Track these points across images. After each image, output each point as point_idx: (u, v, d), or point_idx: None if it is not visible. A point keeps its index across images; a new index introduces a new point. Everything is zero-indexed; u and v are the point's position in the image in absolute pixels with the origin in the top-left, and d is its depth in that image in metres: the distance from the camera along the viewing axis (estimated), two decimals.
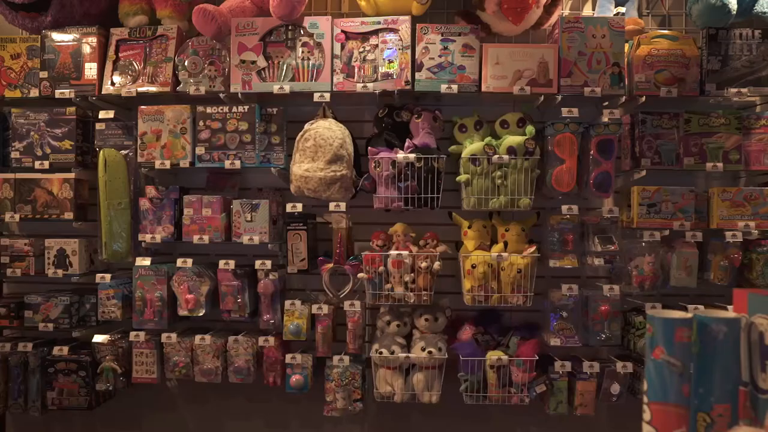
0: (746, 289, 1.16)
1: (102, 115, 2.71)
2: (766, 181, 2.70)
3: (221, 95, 2.67)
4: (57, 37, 2.73)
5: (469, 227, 2.65)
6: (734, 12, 2.51)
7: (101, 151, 2.68)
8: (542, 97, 2.59)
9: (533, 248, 2.56)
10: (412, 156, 2.55)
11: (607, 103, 2.71)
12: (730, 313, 1.13)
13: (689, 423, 1.10)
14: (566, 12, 2.91)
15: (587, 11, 2.90)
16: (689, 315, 1.10)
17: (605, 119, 2.55)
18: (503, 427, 2.94)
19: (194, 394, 3.01)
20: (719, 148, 2.59)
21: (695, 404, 1.10)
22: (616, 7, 2.78)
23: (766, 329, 1.08)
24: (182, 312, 2.70)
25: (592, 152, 2.58)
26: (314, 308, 2.63)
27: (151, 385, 2.82)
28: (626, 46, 2.68)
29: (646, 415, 1.11)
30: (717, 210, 2.59)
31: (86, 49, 2.72)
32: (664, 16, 2.89)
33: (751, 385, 1.10)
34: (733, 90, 2.56)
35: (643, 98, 2.56)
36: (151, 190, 2.73)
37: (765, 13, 2.59)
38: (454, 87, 2.56)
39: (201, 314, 2.70)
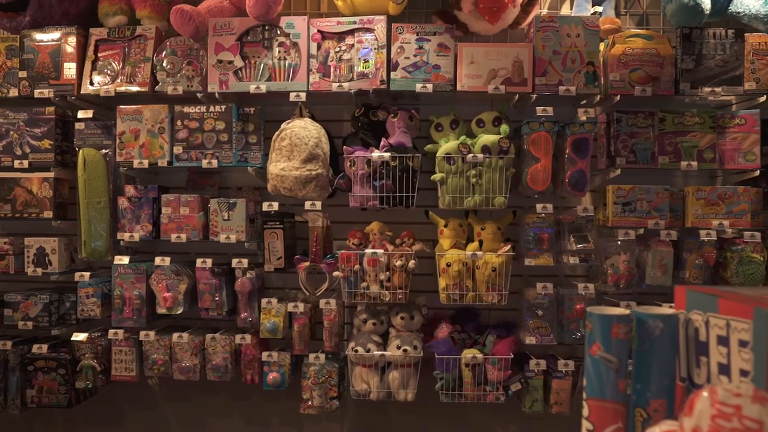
0: (686, 285, 1.17)
1: (81, 114, 2.73)
2: (741, 179, 2.70)
3: (199, 95, 2.68)
4: (36, 36, 2.75)
5: (446, 226, 2.66)
6: (707, 12, 2.51)
7: (80, 151, 2.70)
8: (517, 96, 2.60)
9: (508, 247, 2.57)
10: (386, 155, 2.56)
11: (585, 101, 2.72)
12: (667, 309, 1.14)
13: (626, 419, 1.11)
14: (544, 11, 2.92)
15: (565, 10, 2.91)
16: (627, 311, 1.11)
17: (583, 118, 2.56)
18: (480, 425, 2.96)
19: (175, 392, 3.03)
20: (694, 147, 2.60)
21: (633, 400, 1.12)
22: (593, 6, 2.79)
23: (701, 325, 1.09)
24: (161, 310, 2.71)
25: (567, 151, 2.58)
26: (290, 306, 2.65)
27: (131, 383, 2.84)
28: (602, 46, 2.69)
29: (585, 411, 1.12)
30: (692, 209, 2.60)
31: (65, 49, 2.74)
32: (642, 15, 2.90)
33: (688, 380, 1.11)
34: (707, 89, 2.56)
35: (618, 97, 2.57)
36: (130, 189, 2.75)
37: (739, 13, 2.60)
38: (429, 86, 2.58)
39: (179, 312, 2.71)
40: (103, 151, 2.75)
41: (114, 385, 2.86)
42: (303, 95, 2.62)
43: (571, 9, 2.85)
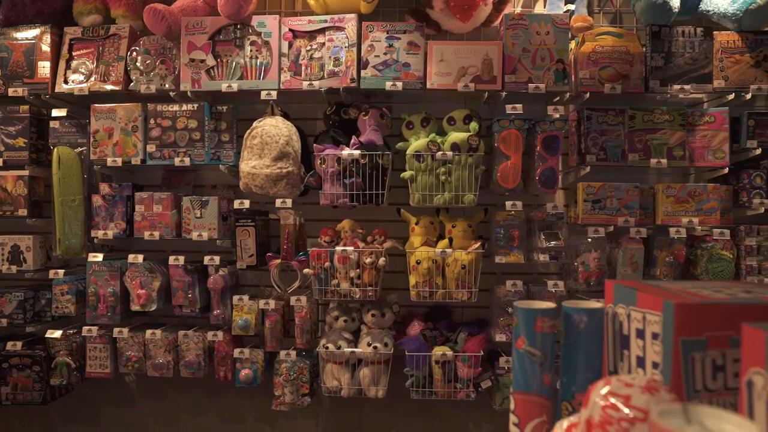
0: (614, 280, 1.18)
1: (55, 113, 2.75)
2: (713, 177, 2.71)
3: (171, 93, 2.70)
4: (10, 35, 2.76)
5: (417, 223, 2.68)
6: (676, 10, 2.52)
7: (55, 149, 2.72)
8: (486, 94, 2.61)
9: (478, 244, 2.58)
10: (356, 152, 2.57)
11: (558, 98, 2.73)
12: (594, 303, 1.15)
13: (551, 412, 1.12)
14: (518, 9, 2.93)
15: (539, 8, 2.92)
16: (552, 305, 1.12)
17: (556, 116, 2.56)
18: (452, 422, 2.97)
19: (150, 388, 3.05)
20: (663, 145, 2.60)
21: (561, 393, 1.13)
22: (566, 4, 2.80)
23: (624, 319, 1.10)
24: (134, 307, 2.73)
25: (538, 148, 2.60)
26: (262, 303, 2.66)
27: (108, 380, 2.85)
28: (573, 43, 2.70)
29: (512, 405, 1.13)
30: (662, 206, 2.60)
31: (40, 48, 2.75)
32: (615, 13, 2.90)
33: (614, 374, 1.12)
34: (677, 87, 2.57)
35: (588, 95, 2.58)
36: (104, 187, 2.76)
37: (709, 11, 2.60)
38: (399, 84, 2.59)
39: (152, 309, 2.73)
40: (78, 149, 2.77)
41: (90, 383, 2.88)
42: (274, 94, 2.63)
43: (545, 7, 2.86)
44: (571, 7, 2.79)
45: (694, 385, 0.90)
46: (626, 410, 0.77)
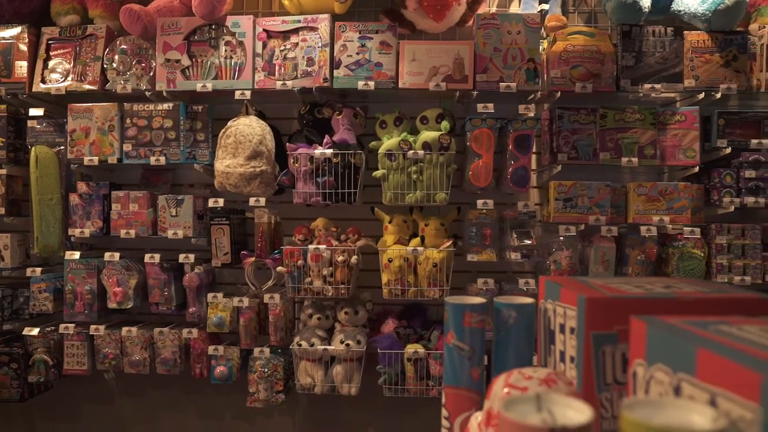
0: (547, 276, 1.20)
1: (32, 112, 2.78)
2: (686, 175, 2.72)
3: (147, 93, 2.72)
4: None
5: (390, 222, 2.70)
6: (646, 10, 2.53)
7: (33, 148, 2.74)
8: (458, 93, 2.62)
9: (449, 243, 2.60)
10: (328, 151, 2.59)
11: (532, 96, 2.74)
12: (524, 298, 1.16)
13: (481, 406, 1.14)
14: (493, 9, 2.94)
15: (514, 8, 2.94)
16: (482, 301, 1.14)
17: (531, 115, 2.58)
18: (427, 419, 2.98)
19: (129, 386, 3.08)
20: (634, 144, 2.62)
21: None
22: (540, 4, 2.81)
23: (552, 314, 1.12)
24: (111, 305, 2.76)
25: (509, 147, 2.61)
26: (236, 301, 2.68)
27: (87, 379, 2.88)
28: (546, 43, 2.72)
29: (443, 399, 1.16)
30: (633, 205, 2.62)
31: (17, 48, 2.78)
32: (590, 12, 2.91)
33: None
34: (647, 86, 2.58)
35: (558, 94, 2.59)
36: (82, 186, 2.79)
37: (680, 11, 2.62)
38: (371, 83, 2.61)
39: (129, 307, 2.76)
40: (56, 148, 2.80)
41: (69, 380, 2.90)
42: (248, 93, 2.66)
43: (519, 6, 2.87)
44: (545, 6, 2.80)
45: (605, 378, 0.92)
46: None
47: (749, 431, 0.49)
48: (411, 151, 2.57)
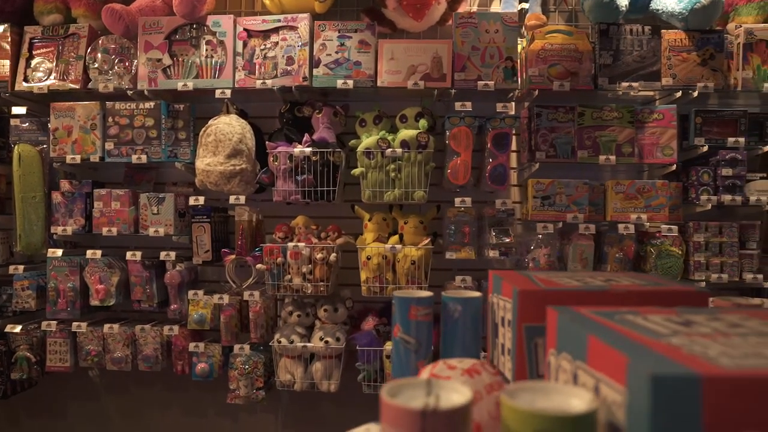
0: (495, 270, 1.21)
1: (15, 111, 2.80)
2: (665, 173, 2.73)
3: (129, 92, 2.74)
4: None
5: (370, 220, 2.71)
6: (623, 8, 2.55)
7: (16, 146, 2.77)
8: (436, 92, 2.64)
9: (427, 240, 2.61)
10: (307, 150, 2.61)
11: (512, 95, 2.76)
12: (471, 292, 1.18)
13: None
14: (474, 8, 2.96)
15: (495, 7, 2.95)
16: (428, 294, 1.16)
17: (511, 112, 2.59)
18: None
19: (113, 383, 3.10)
20: (612, 142, 2.63)
21: None
22: (520, 3, 2.82)
23: (497, 307, 1.13)
24: (94, 302, 2.78)
25: (488, 145, 2.63)
26: (216, 298, 2.70)
27: (70, 375, 2.90)
28: (525, 41, 2.73)
29: None
30: (611, 203, 2.63)
31: (0, 46, 2.80)
32: (570, 11, 2.93)
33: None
34: (625, 84, 2.59)
35: (536, 92, 2.61)
36: (65, 184, 2.81)
37: (658, 10, 2.63)
38: (350, 82, 2.62)
39: (111, 304, 2.78)
40: (39, 147, 2.82)
41: (53, 377, 2.93)
42: (228, 92, 2.68)
43: (500, 5, 2.88)
44: (525, 5, 2.82)
45: (538, 369, 0.93)
46: None
47: (618, 414, 0.51)
48: (389, 150, 2.58)
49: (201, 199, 2.70)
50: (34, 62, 2.81)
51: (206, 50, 2.73)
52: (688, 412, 0.45)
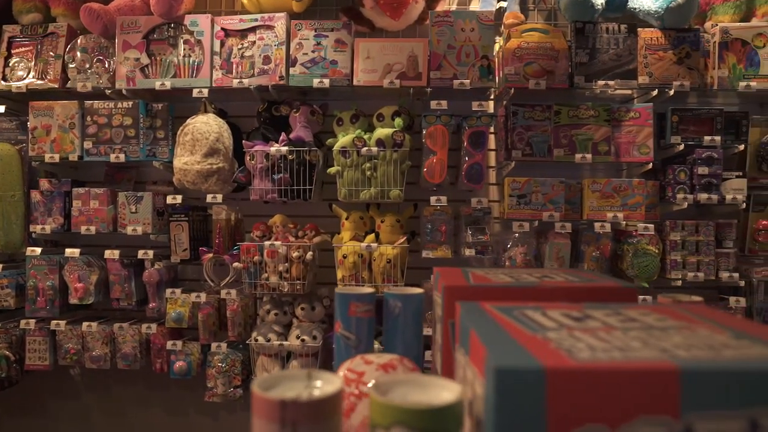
0: (440, 267, 1.21)
1: None
2: (643, 171, 2.72)
3: (107, 91, 2.75)
4: None
5: (347, 218, 2.72)
6: (599, 7, 2.55)
7: None
8: (412, 90, 2.64)
9: (403, 239, 2.62)
10: (284, 149, 2.61)
11: (489, 93, 2.75)
12: (413, 289, 1.18)
13: None
14: (453, 6, 2.96)
15: (474, 5, 2.95)
16: (369, 291, 1.16)
17: (489, 111, 2.59)
18: None
19: (95, 381, 3.11)
20: (588, 140, 2.62)
21: None
22: (498, 2, 2.82)
23: (435, 304, 1.13)
24: (73, 300, 2.79)
25: (464, 144, 2.63)
26: (194, 297, 2.71)
27: (51, 373, 2.91)
28: (502, 40, 2.73)
29: None
30: (588, 201, 2.63)
31: None
32: (550, 10, 2.92)
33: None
34: (601, 82, 2.59)
35: (512, 90, 2.61)
36: (44, 183, 2.83)
37: (635, 9, 2.62)
38: (326, 81, 2.63)
39: (90, 302, 2.79)
40: (18, 146, 2.84)
41: (34, 376, 2.93)
42: (206, 91, 2.68)
43: (479, 4, 2.88)
44: (504, 4, 2.81)
45: None
46: (356, 385, 0.80)
47: (481, 408, 0.51)
48: (365, 148, 2.58)
49: (179, 198, 2.71)
50: (12, 61, 2.83)
51: (184, 49, 2.74)
52: (532, 405, 0.45)
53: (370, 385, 0.61)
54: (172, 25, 2.75)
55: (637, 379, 0.45)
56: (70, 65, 2.78)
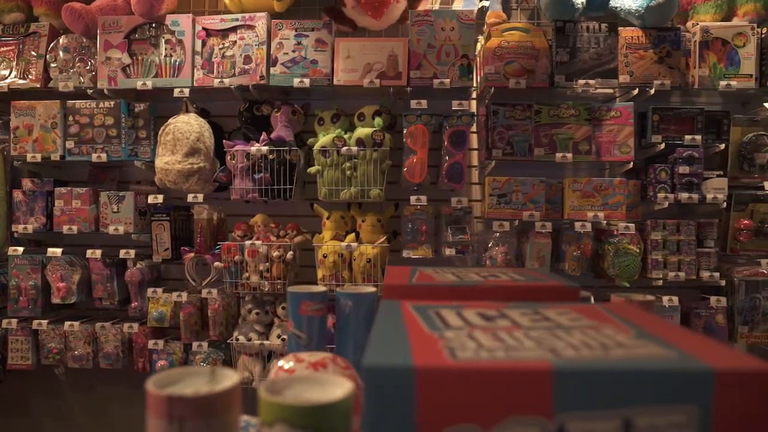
0: (397, 267, 1.21)
1: None
2: (625, 171, 2.71)
3: (89, 91, 2.76)
4: None
5: (328, 218, 2.71)
6: (580, 6, 2.54)
7: None
8: (392, 89, 2.64)
9: (383, 238, 2.62)
10: (264, 148, 2.61)
11: (470, 92, 2.75)
12: (365, 288, 1.18)
13: None
14: (436, 6, 2.95)
15: (456, 5, 2.94)
16: (321, 290, 1.16)
17: (472, 110, 2.59)
18: None
19: (79, 381, 3.11)
20: (569, 139, 2.62)
21: None
22: (480, 1, 2.82)
23: None
24: (55, 300, 2.79)
25: (445, 143, 2.62)
26: (175, 296, 2.71)
27: (33, 373, 2.92)
28: (482, 39, 2.72)
29: None
30: (569, 200, 2.62)
31: None
32: (532, 10, 2.92)
33: None
34: (581, 81, 2.58)
35: (492, 90, 2.60)
36: (27, 183, 2.83)
37: (617, 8, 2.62)
38: (306, 81, 2.63)
39: (72, 302, 2.79)
40: (0, 145, 2.84)
41: (18, 376, 2.94)
42: (187, 91, 2.68)
43: (461, 3, 2.88)
44: (486, 3, 2.81)
45: None
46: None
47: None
48: (345, 148, 2.58)
49: (160, 198, 2.71)
50: None
51: (165, 49, 2.74)
52: (402, 403, 0.45)
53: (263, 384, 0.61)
54: (154, 24, 2.75)
55: (509, 380, 0.45)
56: (52, 65, 2.79)
